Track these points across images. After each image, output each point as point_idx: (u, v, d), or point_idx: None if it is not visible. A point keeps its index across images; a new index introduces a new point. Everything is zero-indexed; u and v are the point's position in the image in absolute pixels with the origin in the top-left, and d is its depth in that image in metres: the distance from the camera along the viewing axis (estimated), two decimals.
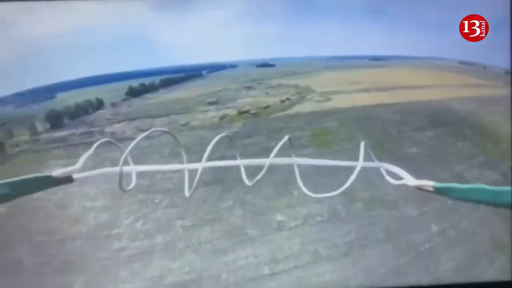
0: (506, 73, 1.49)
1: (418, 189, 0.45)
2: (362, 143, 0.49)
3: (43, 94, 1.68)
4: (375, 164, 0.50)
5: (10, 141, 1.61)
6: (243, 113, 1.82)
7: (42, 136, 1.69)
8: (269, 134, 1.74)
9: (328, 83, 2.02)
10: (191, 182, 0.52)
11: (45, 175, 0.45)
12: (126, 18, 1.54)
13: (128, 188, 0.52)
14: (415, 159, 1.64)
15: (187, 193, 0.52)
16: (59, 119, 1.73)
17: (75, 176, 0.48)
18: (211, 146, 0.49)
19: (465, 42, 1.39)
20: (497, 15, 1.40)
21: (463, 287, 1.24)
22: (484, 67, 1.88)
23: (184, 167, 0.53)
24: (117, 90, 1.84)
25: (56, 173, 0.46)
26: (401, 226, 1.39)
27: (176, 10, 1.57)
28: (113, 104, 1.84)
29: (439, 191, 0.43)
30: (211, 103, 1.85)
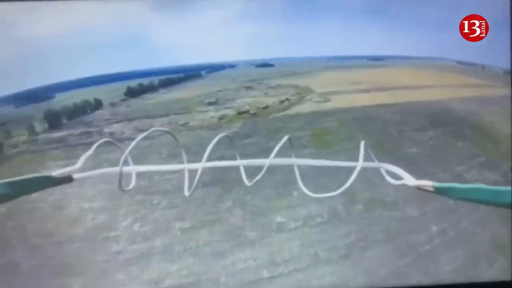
0: (505, 73, 1.49)
1: (418, 189, 0.45)
2: (362, 143, 0.49)
3: (42, 94, 1.68)
4: (375, 164, 0.50)
5: (8, 141, 1.60)
6: (242, 113, 1.81)
7: (41, 136, 1.68)
8: (268, 134, 1.73)
9: (328, 83, 2.02)
10: (190, 182, 0.52)
11: (45, 175, 0.45)
12: (125, 18, 1.53)
13: (128, 188, 0.52)
14: (415, 159, 1.64)
15: (186, 193, 0.51)
16: (57, 119, 1.72)
17: (75, 176, 0.48)
18: (211, 146, 0.49)
19: (464, 42, 1.39)
20: (497, 15, 1.40)
21: (463, 287, 1.23)
22: (483, 67, 1.88)
23: (184, 167, 0.53)
24: (116, 90, 1.84)
25: (56, 173, 0.46)
26: (401, 227, 1.38)
27: (176, 10, 1.56)
28: (112, 104, 1.83)
29: (439, 191, 0.43)
30: (210, 103, 1.84)
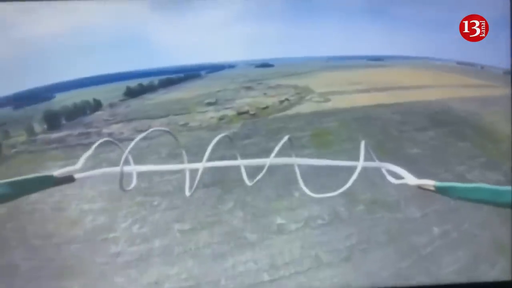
0: (505, 73, 1.49)
1: (419, 188, 0.45)
2: (362, 142, 0.48)
3: (41, 94, 1.67)
4: (376, 164, 0.50)
5: (6, 142, 1.60)
6: (242, 113, 1.81)
7: (39, 137, 1.67)
8: (268, 135, 1.73)
9: (328, 83, 2.02)
10: (191, 183, 0.52)
11: (46, 174, 0.44)
12: (125, 18, 1.53)
13: (129, 188, 0.51)
14: (416, 159, 1.63)
15: (187, 193, 0.51)
16: (56, 119, 1.71)
17: (76, 176, 0.47)
18: (212, 146, 0.49)
19: (464, 42, 1.38)
20: (497, 15, 1.39)
21: (463, 287, 1.23)
22: (482, 67, 1.88)
23: (185, 166, 0.53)
24: (115, 90, 1.83)
25: (57, 172, 0.46)
26: (403, 228, 1.37)
27: (176, 10, 1.56)
28: (111, 105, 1.83)
29: (440, 190, 0.43)
30: (210, 103, 1.84)
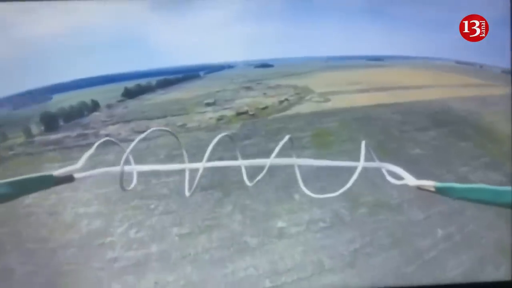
0: (504, 72, 1.49)
1: (419, 189, 0.44)
2: (363, 142, 0.48)
3: (39, 95, 1.66)
4: (376, 164, 0.49)
5: (4, 144, 1.58)
6: (241, 114, 1.80)
7: (37, 138, 1.66)
8: (267, 135, 1.72)
9: (327, 83, 2.01)
10: (190, 184, 0.51)
11: (46, 174, 0.44)
12: (124, 18, 1.52)
13: (129, 188, 0.51)
14: (418, 160, 1.61)
15: (187, 193, 0.51)
16: (54, 121, 1.70)
17: (76, 176, 0.47)
18: (212, 145, 0.48)
19: (464, 42, 1.38)
20: (497, 15, 1.39)
21: (463, 287, 1.22)
22: (481, 66, 1.88)
23: (185, 166, 0.52)
24: (113, 91, 1.82)
25: (57, 172, 0.45)
26: (406, 231, 1.34)
27: (175, 10, 1.55)
28: (108, 106, 1.82)
29: (440, 191, 0.42)
30: (208, 104, 1.83)
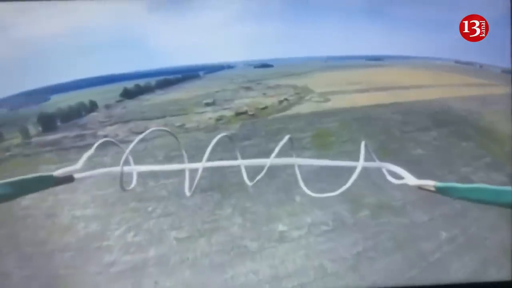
0: (504, 72, 1.49)
1: (420, 188, 0.44)
2: (362, 143, 0.48)
3: (37, 96, 1.65)
4: (376, 164, 0.49)
5: (1, 144, 1.57)
6: (240, 114, 1.79)
7: (34, 139, 1.65)
8: (267, 136, 1.71)
9: (327, 83, 2.00)
10: (190, 184, 0.51)
11: (46, 174, 0.44)
12: (124, 18, 1.51)
13: (129, 188, 0.51)
14: (420, 160, 1.60)
15: (188, 193, 0.51)
16: (51, 122, 1.69)
17: (76, 176, 0.47)
18: (212, 145, 0.48)
19: (464, 42, 1.38)
20: (497, 15, 1.39)
21: (463, 286, 1.21)
22: (481, 66, 1.88)
23: (185, 166, 0.52)
24: (112, 91, 1.81)
25: (57, 172, 0.45)
26: (409, 234, 1.32)
27: (174, 10, 1.55)
28: (107, 106, 1.81)
29: (440, 190, 0.42)
30: (208, 104, 1.82)
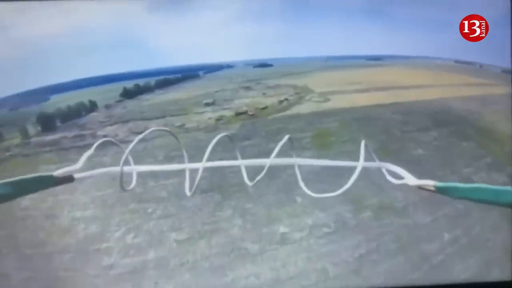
0: (504, 71, 1.49)
1: (420, 188, 0.44)
2: (362, 142, 0.48)
3: (37, 96, 1.65)
4: (376, 164, 0.49)
5: (0, 145, 1.57)
6: (240, 114, 1.79)
7: (33, 139, 1.65)
8: (267, 136, 1.70)
9: (327, 83, 2.00)
10: (191, 184, 0.51)
11: (46, 174, 0.44)
12: (124, 18, 1.51)
13: (129, 188, 0.51)
14: (421, 161, 1.59)
15: (188, 193, 0.51)
16: (51, 122, 1.69)
17: (76, 176, 0.47)
18: (212, 145, 0.48)
19: (464, 42, 1.38)
20: (497, 15, 1.39)
21: (463, 286, 1.21)
22: (481, 65, 1.88)
23: (185, 166, 0.52)
24: (112, 91, 1.81)
25: (57, 172, 0.45)
26: (412, 235, 1.31)
27: (174, 10, 1.55)
28: (107, 106, 1.80)
29: (440, 190, 0.42)
30: (207, 104, 1.82)
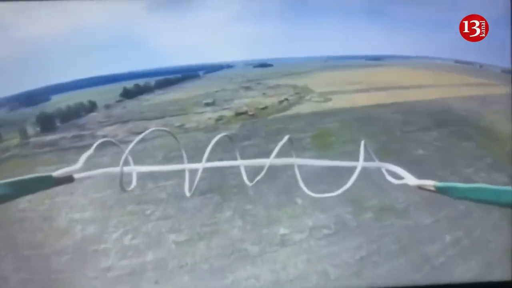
0: (504, 71, 1.49)
1: (420, 188, 0.44)
2: (362, 143, 0.48)
3: (37, 96, 1.65)
4: (376, 164, 0.49)
5: (0, 145, 1.56)
6: (240, 114, 1.78)
7: (32, 140, 1.64)
8: (267, 136, 1.70)
9: (327, 83, 2.00)
10: (190, 185, 0.50)
11: (45, 175, 0.44)
12: (124, 18, 1.51)
13: (129, 188, 0.51)
14: (422, 161, 1.58)
15: (187, 193, 0.50)
16: (50, 122, 1.69)
17: (75, 176, 0.47)
18: (212, 145, 0.48)
19: (464, 42, 1.38)
20: (497, 15, 1.39)
21: (464, 286, 1.21)
22: (481, 66, 1.88)
23: (185, 167, 0.52)
24: (112, 91, 1.81)
25: (56, 173, 0.45)
26: (414, 237, 1.29)
27: (174, 10, 1.55)
28: (106, 106, 1.80)
29: (440, 190, 0.42)
30: (207, 104, 1.81)
